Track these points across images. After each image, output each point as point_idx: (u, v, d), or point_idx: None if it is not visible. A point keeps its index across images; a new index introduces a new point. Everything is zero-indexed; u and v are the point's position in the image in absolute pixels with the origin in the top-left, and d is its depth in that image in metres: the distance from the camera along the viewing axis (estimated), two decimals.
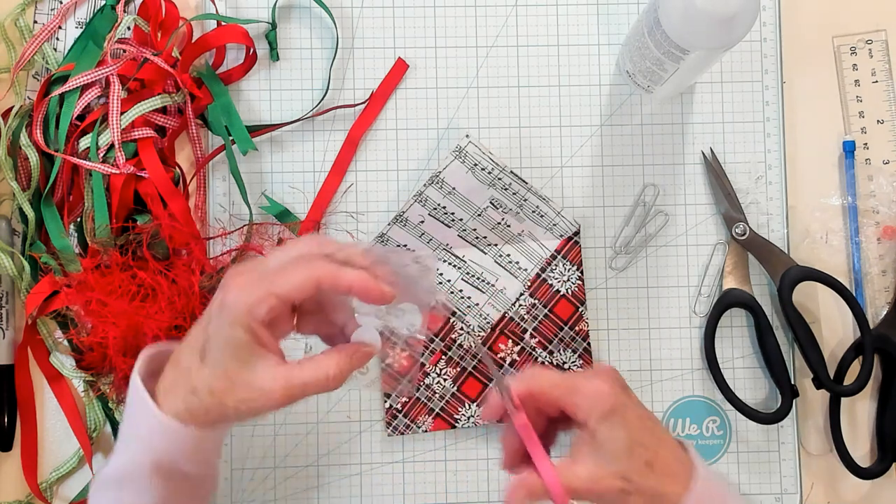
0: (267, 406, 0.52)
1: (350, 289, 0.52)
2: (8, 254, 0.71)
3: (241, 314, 0.51)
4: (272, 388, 0.52)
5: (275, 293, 0.51)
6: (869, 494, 0.76)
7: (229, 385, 0.52)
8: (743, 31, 0.63)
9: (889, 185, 0.77)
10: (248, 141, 0.73)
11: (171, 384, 0.54)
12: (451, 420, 0.73)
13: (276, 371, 0.52)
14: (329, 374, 0.53)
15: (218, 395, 0.52)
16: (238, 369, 0.52)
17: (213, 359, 0.52)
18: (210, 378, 0.52)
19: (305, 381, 0.52)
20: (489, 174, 0.71)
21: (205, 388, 0.52)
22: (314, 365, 0.53)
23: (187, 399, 0.52)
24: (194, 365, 0.53)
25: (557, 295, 0.74)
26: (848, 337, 0.76)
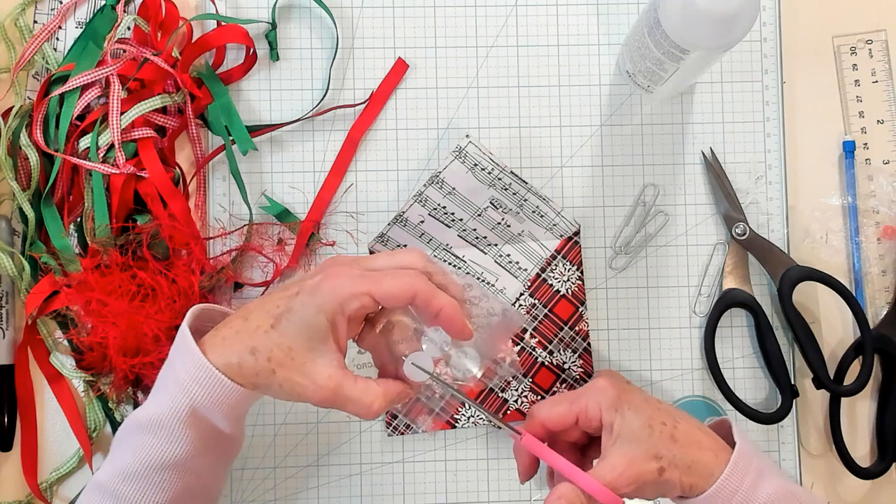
0: (309, 396, 0.53)
1: (439, 313, 0.54)
2: (8, 254, 0.71)
3: (333, 304, 0.52)
4: (322, 385, 0.53)
5: (372, 293, 0.52)
6: (869, 494, 0.76)
7: (289, 361, 0.52)
8: (743, 31, 0.63)
9: (889, 185, 0.77)
10: (248, 141, 0.73)
11: (232, 336, 0.54)
12: (451, 420, 0.73)
13: (334, 372, 0.53)
14: (374, 405, 0.54)
15: (273, 364, 0.52)
16: (303, 351, 0.53)
17: (285, 330, 0.53)
18: (274, 346, 0.52)
19: (351, 398, 0.53)
20: (489, 174, 0.71)
21: (265, 353, 0.52)
22: (366, 388, 0.54)
23: (243, 356, 0.53)
24: (264, 327, 0.53)
25: (557, 295, 0.74)
26: (848, 337, 0.76)
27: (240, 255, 0.73)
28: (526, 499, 0.74)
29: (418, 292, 0.53)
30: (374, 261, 0.55)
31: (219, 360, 0.53)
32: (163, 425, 0.54)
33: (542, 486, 0.74)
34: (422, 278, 0.54)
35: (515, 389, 0.74)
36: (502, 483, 0.74)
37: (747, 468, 0.58)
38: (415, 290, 0.53)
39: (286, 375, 0.53)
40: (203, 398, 0.53)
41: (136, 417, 0.55)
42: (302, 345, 0.53)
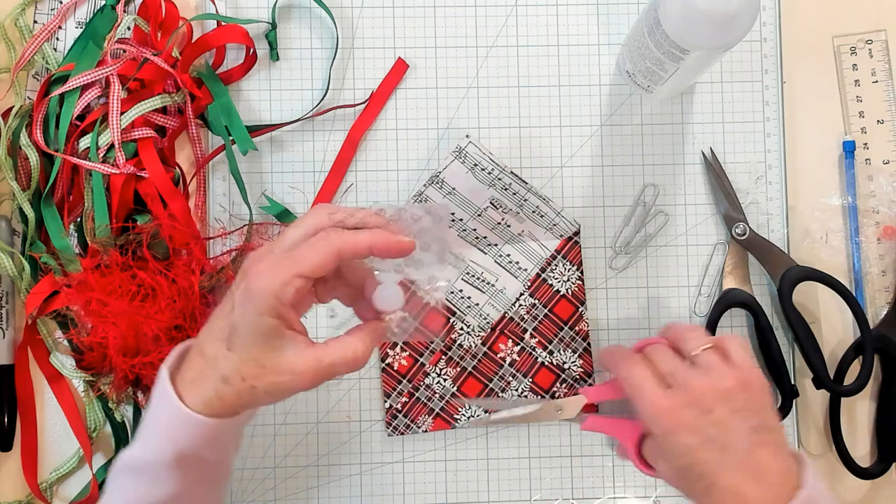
0: (297, 387, 0.53)
1: (371, 250, 0.53)
2: (8, 254, 0.71)
3: (268, 300, 0.51)
4: (303, 370, 0.52)
5: (299, 273, 0.51)
6: (869, 494, 0.76)
7: (260, 370, 0.52)
8: (743, 31, 0.63)
9: (889, 185, 0.77)
10: (248, 141, 0.73)
11: (198, 374, 0.53)
12: (451, 420, 0.73)
13: (306, 353, 0.52)
14: (357, 353, 0.54)
15: (249, 381, 0.52)
16: (268, 354, 0.52)
17: (241, 345, 0.52)
18: (240, 364, 0.52)
19: (334, 361, 0.53)
20: (489, 174, 0.71)
21: (236, 375, 0.52)
22: (341, 345, 0.53)
23: (218, 388, 0.53)
24: (221, 353, 0.53)
25: (557, 295, 0.74)
26: (848, 337, 0.76)
27: (240, 255, 0.73)
28: (526, 499, 0.74)
29: (340, 249, 0.52)
30: (285, 239, 0.54)
31: (196, 401, 0.53)
32: (149, 469, 0.54)
33: (542, 486, 0.74)
34: (336, 234, 0.53)
35: (515, 389, 0.74)
36: (502, 483, 0.74)
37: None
38: (335, 248, 0.52)
39: (266, 383, 0.52)
40: (186, 441, 0.53)
41: (125, 459, 0.55)
42: (263, 350, 0.52)
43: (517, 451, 0.75)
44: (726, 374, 0.57)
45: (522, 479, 0.74)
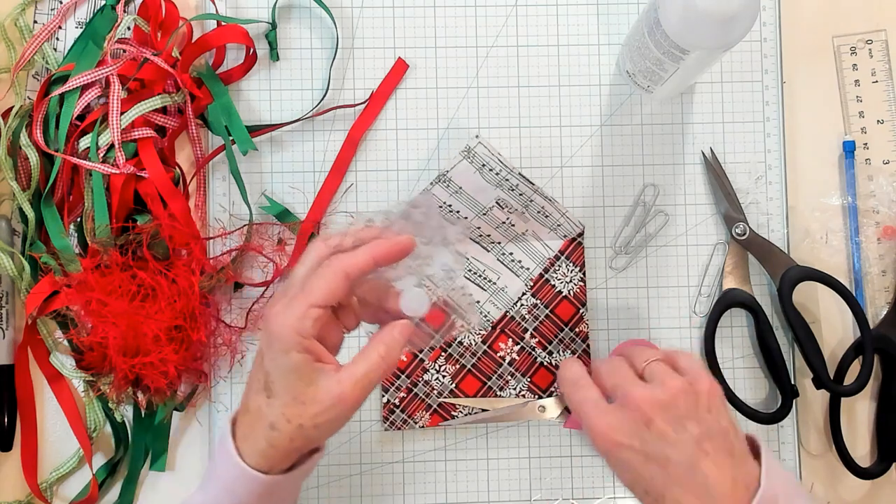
0: (343, 412, 0.53)
1: (375, 261, 0.54)
2: (8, 254, 0.71)
3: (290, 336, 0.52)
4: (342, 394, 0.53)
5: (312, 303, 0.52)
6: (869, 494, 0.76)
7: (302, 407, 0.53)
8: (743, 31, 0.63)
9: (889, 185, 0.77)
10: (248, 141, 0.73)
11: (249, 429, 0.54)
12: (448, 416, 0.73)
13: (339, 377, 0.53)
14: (381, 353, 0.54)
15: (295, 420, 0.53)
16: (305, 390, 0.53)
17: (278, 389, 0.53)
18: (282, 408, 0.53)
19: (366, 371, 0.54)
20: (497, 175, 0.71)
21: (281, 419, 0.53)
22: (365, 355, 0.54)
23: (268, 436, 0.53)
24: (263, 402, 0.54)
25: (560, 296, 0.74)
26: (848, 337, 0.76)
27: (240, 255, 0.73)
28: (526, 499, 0.74)
29: (345, 270, 0.53)
30: (293, 279, 0.55)
31: (252, 455, 0.54)
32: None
33: (542, 486, 0.74)
34: (337, 258, 0.54)
35: (513, 388, 0.74)
36: (502, 483, 0.74)
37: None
38: (341, 271, 0.53)
39: (311, 417, 0.53)
40: (245, 495, 0.54)
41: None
42: (299, 388, 0.53)
43: (517, 451, 0.75)
44: (668, 381, 0.55)
45: (522, 479, 0.74)
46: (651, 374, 0.57)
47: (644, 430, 0.54)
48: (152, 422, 0.72)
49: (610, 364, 0.60)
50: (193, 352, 0.71)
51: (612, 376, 0.58)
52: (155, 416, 0.72)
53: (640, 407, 0.54)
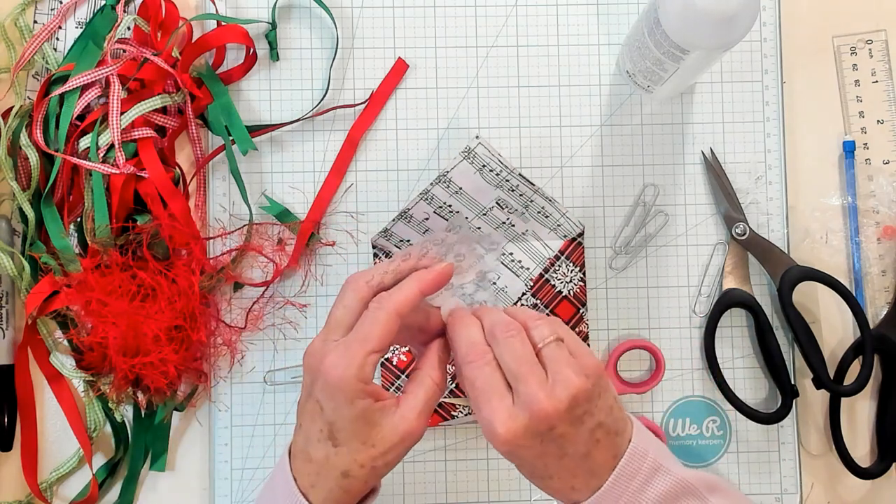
0: (410, 445, 0.54)
1: (422, 294, 0.54)
2: (8, 254, 0.71)
3: (354, 385, 0.52)
4: (409, 428, 0.53)
5: (372, 350, 0.52)
6: (869, 494, 0.76)
7: (372, 450, 0.53)
8: (743, 31, 0.63)
9: (889, 185, 0.77)
10: (248, 141, 0.73)
11: (316, 478, 0.54)
12: (448, 416, 0.73)
13: (402, 413, 0.53)
14: (435, 379, 0.55)
15: (368, 465, 0.53)
16: (372, 433, 0.53)
17: (346, 438, 0.53)
18: (353, 454, 0.53)
19: (426, 399, 0.54)
20: (497, 175, 0.71)
21: (354, 466, 0.53)
22: (419, 382, 0.55)
23: (342, 484, 0.53)
24: (330, 452, 0.53)
25: (560, 296, 0.74)
26: (848, 337, 0.76)
27: (240, 255, 0.73)
28: (526, 499, 0.74)
29: (397, 310, 0.53)
30: (337, 322, 0.54)
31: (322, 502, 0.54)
32: None
33: None
34: (386, 298, 0.54)
35: None
36: (502, 483, 0.74)
37: (637, 470, 0.54)
38: (394, 312, 0.53)
39: (384, 458, 0.53)
40: None
41: None
42: (367, 432, 0.53)
43: None
44: (571, 379, 0.52)
45: (522, 479, 0.74)
46: (551, 361, 0.54)
47: (545, 433, 0.53)
48: (152, 422, 0.72)
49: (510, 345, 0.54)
50: (193, 352, 0.71)
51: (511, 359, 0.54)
52: (155, 416, 0.72)
53: (546, 417, 0.52)
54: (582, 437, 0.53)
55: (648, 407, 0.75)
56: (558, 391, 0.52)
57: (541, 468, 0.55)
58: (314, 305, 0.74)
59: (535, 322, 0.55)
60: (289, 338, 0.74)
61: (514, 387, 0.53)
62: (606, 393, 0.54)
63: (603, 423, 0.53)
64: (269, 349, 0.74)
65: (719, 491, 0.56)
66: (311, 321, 0.74)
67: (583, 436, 0.53)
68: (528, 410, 0.52)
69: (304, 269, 0.74)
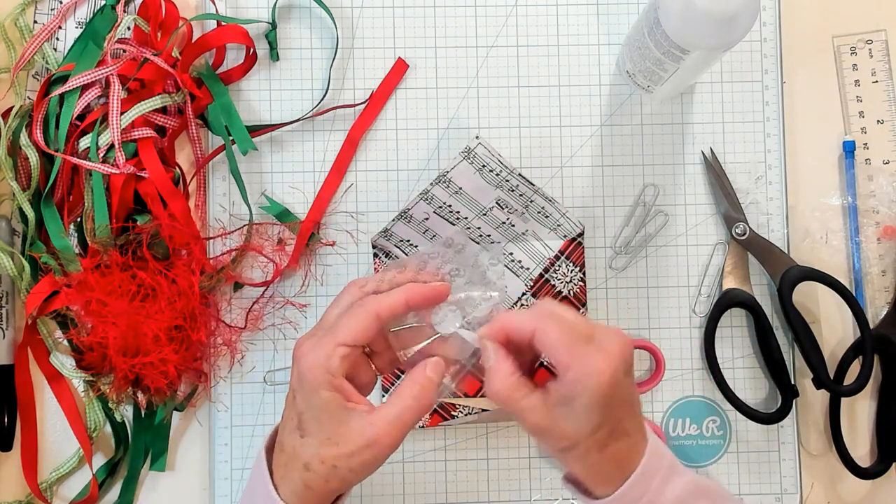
0: (378, 455, 0.53)
1: (408, 304, 0.54)
2: (8, 254, 0.71)
3: (319, 374, 0.52)
4: (375, 436, 0.53)
5: (340, 342, 0.53)
6: (869, 494, 0.76)
7: (335, 448, 0.53)
8: (743, 31, 0.63)
9: (889, 185, 0.77)
10: (248, 141, 0.73)
11: (284, 469, 0.54)
12: (448, 416, 0.73)
13: (371, 419, 0.53)
14: (414, 395, 0.54)
15: (329, 461, 0.53)
16: (337, 430, 0.53)
17: (311, 429, 0.53)
18: (317, 448, 0.53)
19: (399, 413, 0.53)
20: (497, 175, 0.71)
21: (315, 459, 0.53)
22: (399, 396, 0.54)
23: (304, 477, 0.53)
24: (297, 442, 0.54)
25: (559, 296, 0.74)
26: (848, 337, 0.76)
27: (240, 255, 0.73)
28: (526, 499, 0.74)
29: (377, 311, 0.54)
30: (326, 319, 0.56)
31: (288, 495, 0.54)
32: None
33: (542, 486, 0.74)
34: (371, 299, 0.54)
35: None
36: (502, 483, 0.74)
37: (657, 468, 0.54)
38: (372, 312, 0.53)
39: (345, 457, 0.53)
40: None
41: None
42: (332, 427, 0.53)
43: (517, 451, 0.75)
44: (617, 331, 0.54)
45: (522, 479, 0.74)
46: None
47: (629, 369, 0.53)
48: (152, 422, 0.72)
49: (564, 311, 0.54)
50: (193, 352, 0.71)
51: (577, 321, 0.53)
52: (155, 416, 0.72)
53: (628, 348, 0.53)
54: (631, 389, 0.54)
55: (648, 407, 0.75)
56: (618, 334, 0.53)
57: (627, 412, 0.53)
58: (314, 305, 0.74)
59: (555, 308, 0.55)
60: (289, 338, 0.74)
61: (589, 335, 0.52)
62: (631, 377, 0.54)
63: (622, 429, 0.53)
64: (269, 349, 0.74)
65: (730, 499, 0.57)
66: (311, 321, 0.74)
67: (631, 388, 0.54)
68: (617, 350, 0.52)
69: (304, 269, 0.74)
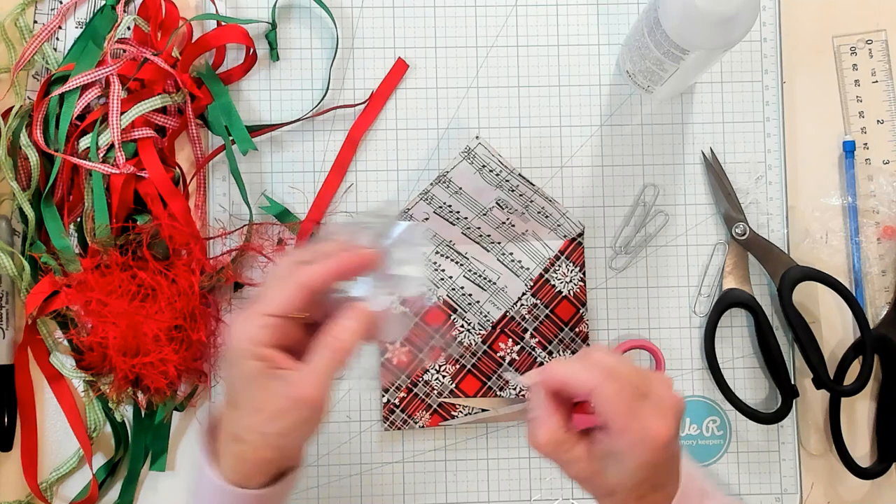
0: (307, 414, 0.51)
1: (338, 274, 0.53)
2: (8, 254, 0.71)
3: (243, 345, 0.51)
4: (297, 395, 0.51)
5: (268, 312, 0.52)
6: (869, 494, 0.76)
7: (260, 414, 0.51)
8: (743, 31, 0.63)
9: (889, 185, 0.77)
10: (248, 141, 0.73)
11: (221, 447, 0.54)
12: (448, 416, 0.73)
13: (295, 376, 0.51)
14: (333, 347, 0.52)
15: (256, 429, 0.51)
16: (261, 396, 0.51)
17: (238, 400, 0.52)
18: (244, 418, 0.52)
19: (316, 367, 0.51)
20: (497, 176, 0.71)
21: (243, 430, 0.52)
22: (315, 351, 0.52)
23: (237, 449, 0.52)
24: (227, 414, 0.53)
25: (560, 296, 0.74)
26: (848, 337, 0.76)
27: (240, 255, 0.73)
28: (526, 499, 0.74)
29: (304, 281, 0.52)
30: (259, 294, 0.54)
31: (226, 470, 0.53)
32: None
33: (542, 486, 0.74)
34: (299, 269, 0.52)
35: (513, 388, 0.74)
36: (502, 483, 0.74)
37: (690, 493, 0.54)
38: (299, 281, 0.52)
39: (273, 425, 0.51)
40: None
41: None
42: (257, 395, 0.51)
43: (517, 451, 0.75)
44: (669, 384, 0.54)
45: (522, 479, 0.74)
46: None
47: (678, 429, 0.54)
48: (152, 422, 0.72)
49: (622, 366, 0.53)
50: (193, 352, 0.71)
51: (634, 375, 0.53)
52: (155, 416, 0.72)
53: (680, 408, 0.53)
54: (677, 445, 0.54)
55: None
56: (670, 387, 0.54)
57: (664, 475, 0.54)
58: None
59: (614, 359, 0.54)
60: None
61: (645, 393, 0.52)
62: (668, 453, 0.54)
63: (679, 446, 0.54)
64: None
65: None
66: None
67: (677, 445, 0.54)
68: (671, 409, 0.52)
69: None
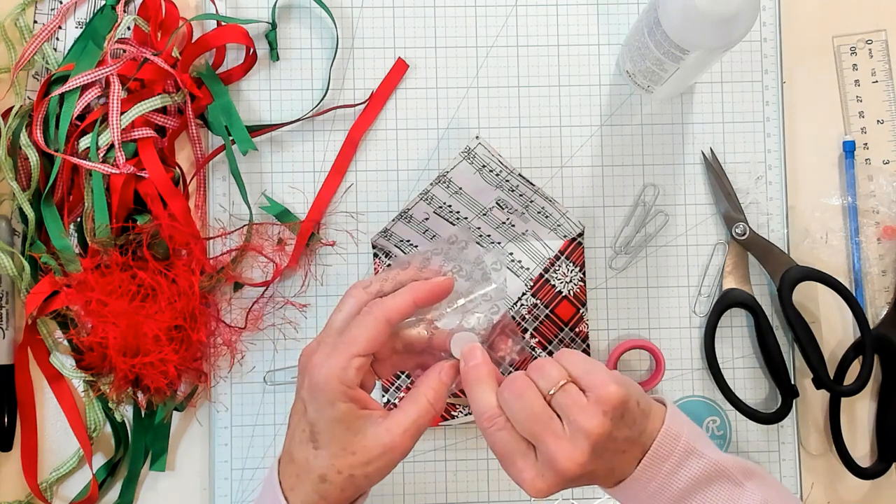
0: (393, 460, 0.53)
1: (415, 304, 0.54)
2: (8, 254, 0.71)
3: (335, 387, 0.52)
4: (391, 443, 0.53)
5: (355, 353, 0.52)
6: (869, 494, 0.76)
7: (352, 457, 0.52)
8: (743, 31, 0.63)
9: (889, 185, 0.77)
10: (248, 141, 0.73)
11: (296, 480, 0.54)
12: (448, 417, 0.73)
13: (387, 426, 0.53)
14: (430, 400, 0.54)
15: (346, 471, 0.53)
16: (353, 439, 0.52)
17: (326, 440, 0.53)
18: (331, 459, 0.53)
19: (416, 418, 0.53)
20: (497, 176, 0.71)
21: (331, 471, 0.53)
22: (412, 399, 0.54)
23: (319, 488, 0.53)
24: (310, 454, 0.53)
25: (560, 296, 0.74)
26: (848, 337, 0.76)
27: (240, 255, 0.73)
28: (526, 499, 0.74)
29: (387, 316, 0.53)
30: (332, 325, 0.55)
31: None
32: None
33: None
34: (378, 304, 0.54)
35: None
36: (502, 483, 0.74)
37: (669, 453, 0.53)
38: (383, 317, 0.53)
39: (363, 468, 0.53)
40: None
41: None
42: (348, 437, 0.53)
43: None
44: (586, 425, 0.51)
45: None
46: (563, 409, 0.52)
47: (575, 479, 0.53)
48: (152, 422, 0.72)
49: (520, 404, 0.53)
50: (193, 352, 0.71)
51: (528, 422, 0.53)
52: (155, 416, 0.72)
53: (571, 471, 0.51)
54: (607, 463, 0.53)
55: None
56: (578, 442, 0.51)
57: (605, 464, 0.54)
58: (314, 305, 0.74)
59: (541, 369, 0.54)
60: (289, 338, 0.74)
61: (536, 446, 0.53)
62: (628, 412, 0.53)
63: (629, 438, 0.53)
64: (269, 349, 0.74)
65: (756, 477, 0.55)
66: (311, 321, 0.74)
67: (608, 462, 0.53)
68: (552, 469, 0.52)
69: (304, 269, 0.74)
